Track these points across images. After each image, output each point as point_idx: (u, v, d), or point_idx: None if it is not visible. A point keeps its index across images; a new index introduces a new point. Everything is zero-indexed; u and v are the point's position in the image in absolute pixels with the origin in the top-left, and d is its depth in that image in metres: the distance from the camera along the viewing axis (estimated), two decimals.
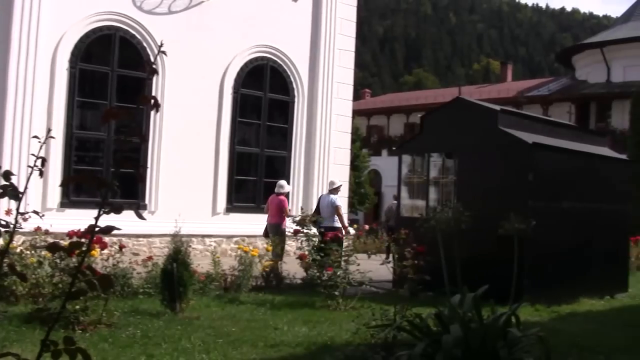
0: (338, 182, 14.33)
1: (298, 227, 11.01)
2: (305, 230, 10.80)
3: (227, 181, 17.01)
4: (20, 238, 10.89)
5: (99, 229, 2.10)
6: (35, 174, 2.37)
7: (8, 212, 9.94)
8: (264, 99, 17.74)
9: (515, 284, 9.54)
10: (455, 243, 9.69)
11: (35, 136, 2.65)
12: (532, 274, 10.40)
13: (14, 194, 2.23)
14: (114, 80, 15.15)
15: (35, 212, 3.49)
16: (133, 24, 15.48)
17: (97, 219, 2.09)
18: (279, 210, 13.36)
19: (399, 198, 13.35)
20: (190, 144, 16.20)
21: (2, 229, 2.27)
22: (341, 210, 13.85)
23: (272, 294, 10.68)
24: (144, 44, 15.56)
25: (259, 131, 17.71)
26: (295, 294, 10.81)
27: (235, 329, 7.64)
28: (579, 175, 11.74)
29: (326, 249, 10.30)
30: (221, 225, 16.74)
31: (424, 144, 12.65)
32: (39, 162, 2.34)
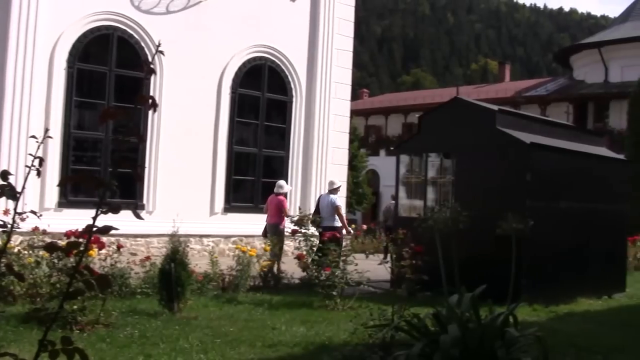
0: (338, 182, 14.35)
1: (296, 227, 11.02)
2: (303, 230, 10.80)
3: (225, 181, 16.99)
4: (17, 238, 10.88)
5: (96, 229, 2.09)
6: (33, 173, 2.37)
7: (6, 212, 9.94)
8: (262, 98, 17.73)
9: (513, 284, 9.51)
10: (453, 243, 9.67)
11: (33, 136, 2.64)
12: (530, 274, 10.41)
13: (11, 193, 2.22)
14: (111, 80, 15.13)
15: (33, 212, 3.48)
16: (131, 24, 15.46)
17: (95, 218, 2.09)
18: (278, 211, 13.37)
19: (396, 198, 13.35)
20: (188, 143, 16.18)
21: (0, 229, 2.27)
22: (341, 210, 13.87)
23: (270, 294, 10.69)
24: (142, 44, 15.55)
25: (257, 131, 17.70)
26: (293, 294, 10.81)
27: (233, 329, 7.64)
28: (576, 175, 11.75)
29: (325, 248, 10.31)
30: (219, 225, 16.72)
31: (422, 144, 12.66)
32: (36, 162, 2.34)
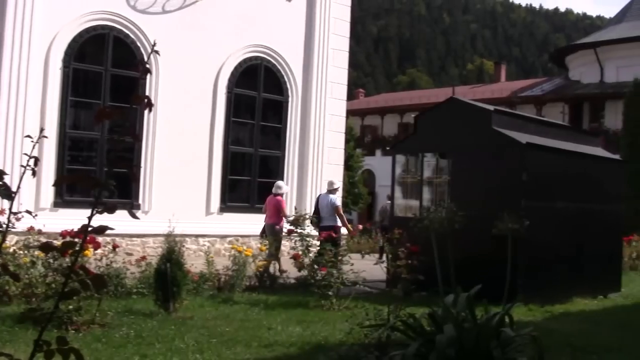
0: (337, 183, 14.45)
1: (292, 227, 11.01)
2: (299, 230, 10.80)
3: (221, 181, 16.98)
4: (13, 238, 10.86)
5: (92, 229, 2.09)
6: (28, 173, 2.36)
7: (1, 212, 9.91)
8: (257, 98, 17.72)
9: (509, 283, 9.56)
10: (449, 243, 9.71)
11: (28, 135, 2.64)
12: (526, 274, 10.42)
13: (6, 193, 2.22)
14: (107, 79, 15.10)
15: (28, 212, 3.48)
16: (127, 24, 15.43)
17: (91, 218, 2.09)
18: (277, 211, 13.42)
19: (392, 198, 13.36)
20: (183, 143, 16.16)
21: None
22: (341, 210, 13.92)
23: (266, 294, 10.68)
24: (138, 44, 15.53)
25: (252, 131, 17.69)
26: (289, 293, 10.81)
27: (228, 329, 7.63)
28: (572, 175, 11.76)
29: (322, 248, 10.32)
30: (215, 225, 16.71)
31: (418, 144, 12.67)
32: (31, 162, 2.33)
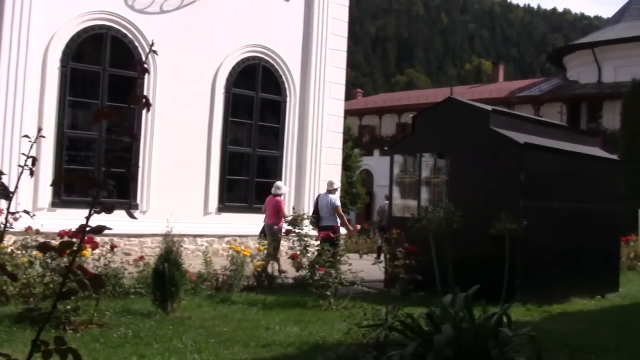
0: (337, 183, 14.51)
1: (290, 227, 11.01)
2: (297, 230, 10.79)
3: (219, 181, 16.97)
4: (11, 238, 10.85)
5: (90, 229, 2.09)
6: (26, 173, 2.36)
7: None
8: (256, 98, 17.72)
9: (507, 283, 9.56)
10: (447, 243, 9.70)
11: (26, 135, 2.63)
12: (524, 274, 10.43)
13: (4, 193, 2.22)
14: (105, 79, 15.09)
15: (26, 212, 3.48)
16: (125, 23, 15.42)
17: (88, 218, 2.08)
18: (276, 211, 13.44)
19: (390, 198, 13.36)
20: (181, 143, 16.15)
21: None
22: (341, 210, 13.94)
23: (264, 293, 10.68)
24: (136, 44, 15.51)
25: (250, 131, 17.68)
26: (287, 293, 10.81)
27: (226, 329, 7.63)
28: (570, 175, 11.77)
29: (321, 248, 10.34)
30: (213, 225, 16.70)
31: (416, 144, 12.67)
32: (29, 162, 2.33)
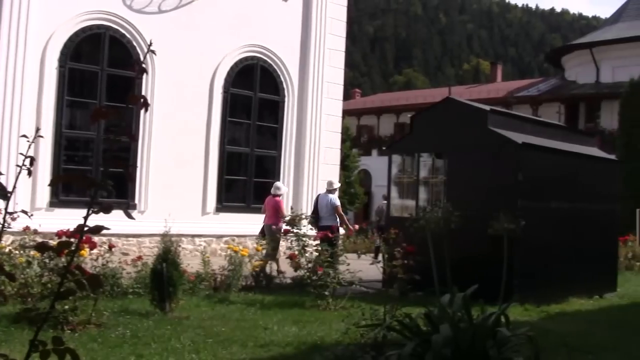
0: (337, 183, 14.57)
1: (288, 227, 11.01)
2: (295, 230, 10.80)
3: (217, 181, 16.97)
4: (9, 238, 10.83)
5: (88, 229, 2.09)
6: (24, 173, 2.36)
7: None
8: (254, 98, 17.71)
9: (505, 283, 9.56)
10: (445, 243, 9.70)
11: (24, 135, 2.63)
12: (522, 274, 10.43)
13: (2, 193, 2.21)
14: (103, 79, 15.08)
15: (24, 212, 3.47)
16: (123, 23, 15.41)
17: (86, 218, 2.08)
18: (275, 212, 13.44)
19: (388, 198, 13.36)
20: (180, 143, 16.15)
21: None
22: (341, 210, 13.97)
23: (262, 293, 10.68)
24: (134, 43, 15.50)
25: (249, 131, 17.68)
26: (285, 293, 10.81)
27: (225, 329, 7.63)
28: (568, 175, 11.78)
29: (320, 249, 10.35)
30: (211, 225, 16.70)
31: (414, 144, 12.67)
32: (27, 162, 2.33)
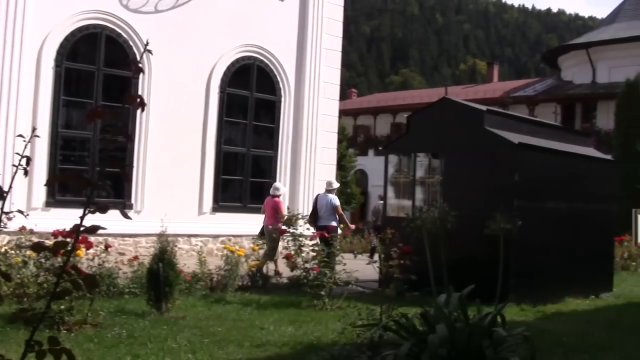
0: (336, 183, 14.62)
1: (284, 227, 11.02)
2: (291, 230, 10.80)
3: (214, 181, 16.96)
4: (4, 237, 10.83)
5: (84, 229, 2.09)
6: (20, 173, 2.35)
7: None
8: (250, 98, 17.71)
9: (501, 283, 9.58)
10: (441, 243, 9.72)
11: (20, 135, 2.63)
12: (518, 274, 10.44)
13: None
14: (99, 79, 15.06)
15: (20, 212, 3.47)
16: (119, 23, 15.39)
17: (83, 218, 2.08)
18: (275, 212, 13.44)
19: (385, 198, 13.37)
20: (176, 143, 16.13)
21: None
22: (341, 210, 14.00)
23: (258, 293, 10.68)
24: (130, 43, 15.48)
25: (245, 131, 17.67)
26: (281, 293, 10.81)
27: (221, 329, 7.62)
28: (564, 175, 11.80)
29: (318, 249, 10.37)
30: (207, 224, 16.69)
31: (411, 144, 12.68)
32: (23, 161, 2.33)
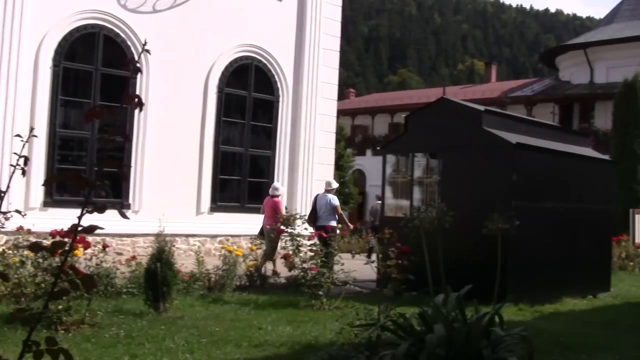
0: (335, 183, 14.65)
1: (282, 227, 11.02)
2: (289, 230, 10.79)
3: (212, 180, 16.95)
4: (2, 237, 10.83)
5: (82, 229, 2.09)
6: (18, 172, 2.35)
7: None
8: (248, 98, 17.70)
9: (499, 283, 9.58)
10: (439, 243, 9.71)
11: (18, 135, 2.63)
12: (516, 274, 10.45)
13: None
14: (97, 79, 15.05)
15: (18, 211, 3.47)
16: (117, 23, 15.38)
17: (80, 218, 2.08)
18: (274, 212, 13.45)
19: (382, 198, 13.38)
20: (174, 143, 16.13)
21: None
22: (340, 209, 14.02)
23: (256, 293, 10.67)
24: (128, 43, 15.47)
25: (243, 130, 17.66)
26: (279, 293, 10.80)
27: (219, 329, 7.62)
28: (562, 175, 11.81)
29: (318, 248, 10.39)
30: (205, 224, 16.68)
31: (408, 144, 12.68)
32: (21, 161, 2.32)
